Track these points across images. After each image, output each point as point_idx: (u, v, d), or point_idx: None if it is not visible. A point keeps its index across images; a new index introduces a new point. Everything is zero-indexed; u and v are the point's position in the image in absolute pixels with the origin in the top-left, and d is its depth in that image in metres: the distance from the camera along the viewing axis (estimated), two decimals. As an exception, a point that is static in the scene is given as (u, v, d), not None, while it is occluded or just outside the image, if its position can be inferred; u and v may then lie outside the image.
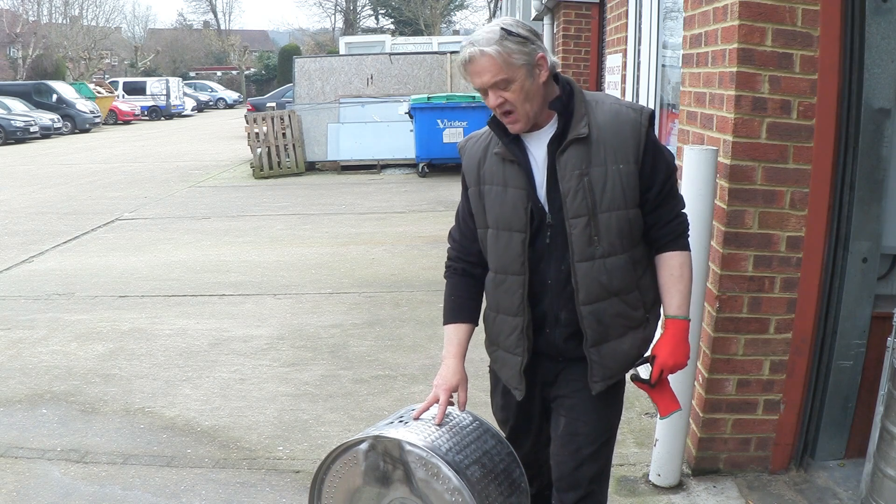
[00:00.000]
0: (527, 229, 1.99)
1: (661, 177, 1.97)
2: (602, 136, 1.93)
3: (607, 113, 1.95)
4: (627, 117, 1.94)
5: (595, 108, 1.96)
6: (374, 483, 2.12)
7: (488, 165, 2.05)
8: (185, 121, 32.24)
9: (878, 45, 2.67)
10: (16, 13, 40.18)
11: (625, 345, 2.03)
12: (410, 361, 4.37)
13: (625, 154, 1.93)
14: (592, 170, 1.93)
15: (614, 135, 1.93)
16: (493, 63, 1.87)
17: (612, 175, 1.92)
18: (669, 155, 2.02)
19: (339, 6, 56.04)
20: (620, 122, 1.94)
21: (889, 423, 2.39)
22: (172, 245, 7.63)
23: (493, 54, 1.87)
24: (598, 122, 1.94)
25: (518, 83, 1.89)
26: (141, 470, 3.24)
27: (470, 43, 1.91)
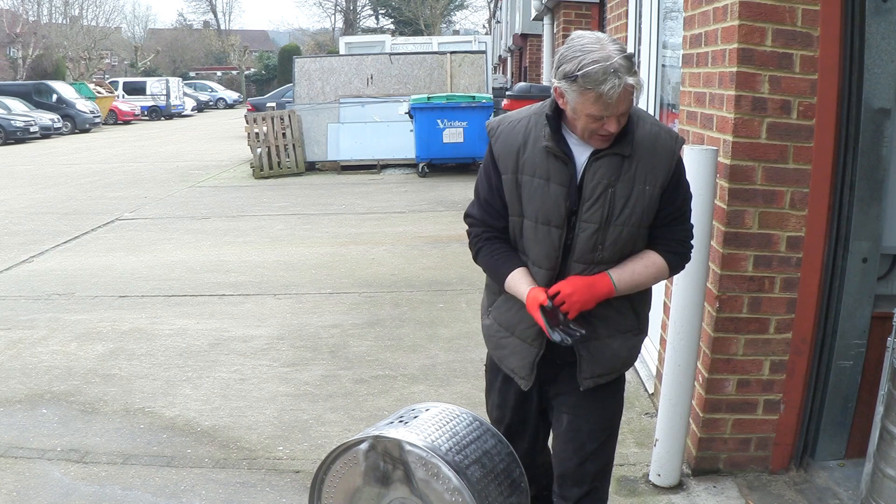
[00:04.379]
0: (565, 225, 2.02)
1: (678, 203, 2.04)
2: (638, 154, 1.98)
3: (647, 134, 2.00)
4: (665, 144, 2.01)
5: (636, 125, 2.00)
6: (374, 483, 2.12)
7: (530, 156, 2.04)
8: (185, 121, 32.24)
9: (878, 45, 2.67)
10: (16, 13, 40.18)
11: (615, 345, 2.10)
12: (410, 361, 4.37)
13: (654, 178, 1.99)
14: (619, 185, 1.98)
15: (650, 157, 1.99)
16: (630, 95, 1.89)
17: (636, 193, 1.98)
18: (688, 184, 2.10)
19: (339, 6, 56.06)
20: (658, 147, 2.00)
21: (889, 423, 2.39)
22: (172, 245, 7.63)
23: (634, 85, 1.87)
24: (638, 140, 1.99)
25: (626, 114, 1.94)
26: (141, 470, 3.24)
27: (614, 72, 1.83)
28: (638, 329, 2.14)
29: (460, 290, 5.74)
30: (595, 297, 2.01)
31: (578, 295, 1.98)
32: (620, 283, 2.02)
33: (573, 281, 2.00)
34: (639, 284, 2.06)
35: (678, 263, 2.10)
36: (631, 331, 2.11)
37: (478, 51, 14.28)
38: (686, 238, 2.10)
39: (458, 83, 12.90)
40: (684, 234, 2.09)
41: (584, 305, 2.00)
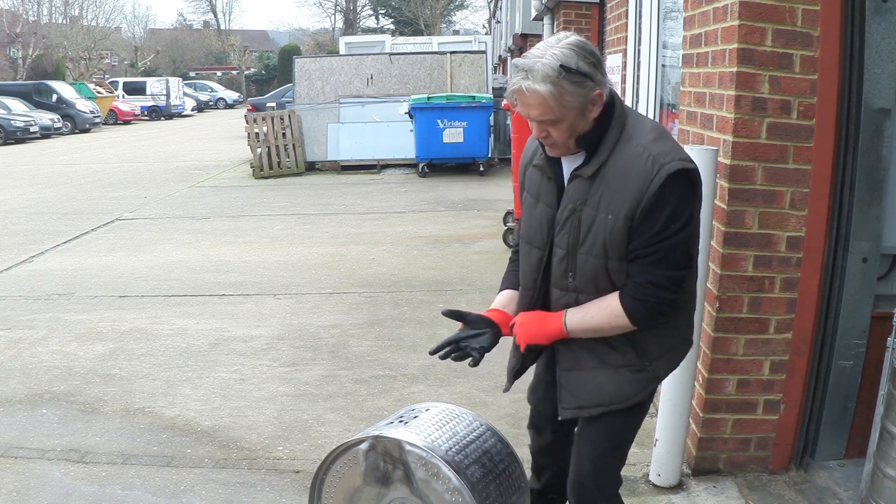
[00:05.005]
0: (546, 247, 1.98)
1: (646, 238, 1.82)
2: (607, 179, 1.84)
3: (626, 156, 1.83)
4: (640, 169, 1.80)
5: (621, 145, 1.85)
6: (374, 483, 2.12)
7: (531, 173, 2.06)
8: (184, 121, 32.24)
9: (878, 45, 2.67)
10: (16, 13, 40.19)
11: (600, 378, 1.98)
12: (410, 361, 4.37)
13: (618, 206, 1.82)
14: (585, 210, 1.88)
15: (618, 183, 1.82)
16: (544, 102, 1.77)
17: (598, 222, 1.86)
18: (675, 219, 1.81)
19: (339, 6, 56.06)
20: (630, 172, 1.81)
21: (889, 423, 2.39)
22: (172, 245, 7.63)
23: (545, 94, 1.76)
24: (614, 163, 1.84)
25: (567, 122, 1.81)
26: (141, 470, 3.24)
27: (524, 71, 1.77)
28: (638, 366, 1.97)
29: (460, 290, 5.74)
30: (545, 335, 1.98)
31: (524, 329, 2.00)
32: (572, 323, 1.94)
33: (527, 315, 2.02)
34: (593, 329, 1.92)
35: (638, 312, 1.86)
36: (627, 366, 1.97)
37: (478, 51, 14.28)
38: (652, 284, 1.83)
39: (458, 83, 12.90)
40: (650, 279, 1.83)
41: (531, 340, 1.99)
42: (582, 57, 1.77)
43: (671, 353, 2.02)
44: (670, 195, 1.79)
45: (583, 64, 1.77)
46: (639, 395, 2.01)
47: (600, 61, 1.83)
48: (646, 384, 2.00)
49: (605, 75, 1.85)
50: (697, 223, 1.89)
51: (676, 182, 1.80)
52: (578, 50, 1.78)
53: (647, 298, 1.85)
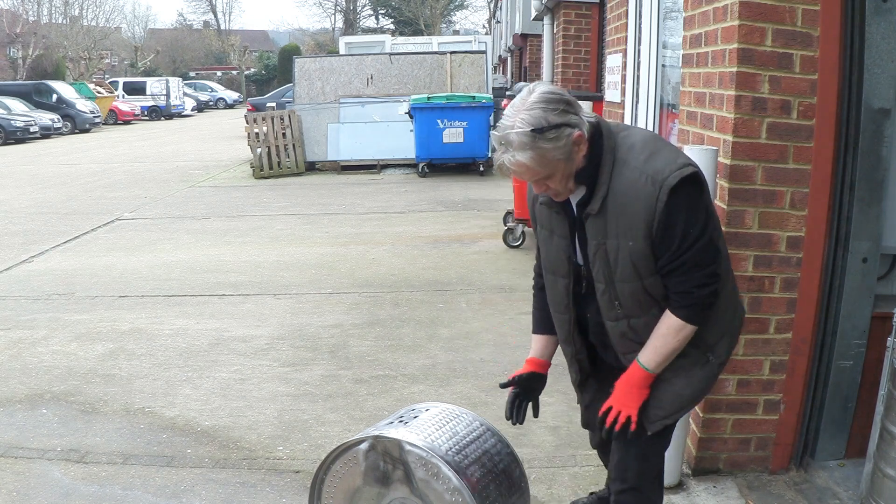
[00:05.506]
0: (570, 276, 2.08)
1: (671, 252, 1.89)
2: (616, 208, 1.90)
3: (626, 183, 1.88)
4: (642, 192, 1.86)
5: (618, 173, 1.90)
6: (374, 483, 2.12)
7: (539, 209, 2.12)
8: (185, 121, 32.24)
9: (878, 45, 2.67)
10: (16, 13, 40.20)
11: (676, 386, 2.03)
12: (410, 361, 4.37)
13: (634, 232, 1.89)
14: (608, 241, 1.94)
15: (626, 209, 1.89)
16: (530, 168, 1.85)
17: (622, 249, 1.92)
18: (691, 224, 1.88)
19: (339, 6, 56.06)
20: (634, 197, 1.87)
21: (889, 423, 2.39)
22: (172, 245, 7.63)
23: (527, 162, 1.83)
24: (616, 192, 1.90)
25: (559, 173, 1.89)
26: (141, 470, 3.24)
27: (502, 144, 1.84)
28: (703, 360, 2.03)
29: (460, 290, 5.74)
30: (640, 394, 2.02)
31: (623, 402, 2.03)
32: (651, 364, 1.99)
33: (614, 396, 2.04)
34: (670, 355, 1.98)
35: (693, 317, 1.94)
36: (695, 365, 2.03)
37: (478, 51, 14.28)
38: (687, 290, 1.92)
39: (458, 83, 12.90)
40: (685, 286, 1.91)
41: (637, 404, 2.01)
42: (550, 110, 1.83)
43: (728, 334, 2.08)
44: (679, 206, 1.86)
45: (553, 117, 1.82)
46: (710, 387, 2.11)
47: (571, 102, 1.88)
48: (715, 374, 2.08)
49: (580, 110, 1.89)
50: (713, 215, 1.95)
51: (680, 192, 1.85)
52: (544, 105, 1.83)
53: (694, 302, 1.93)
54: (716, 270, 1.93)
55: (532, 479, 2.71)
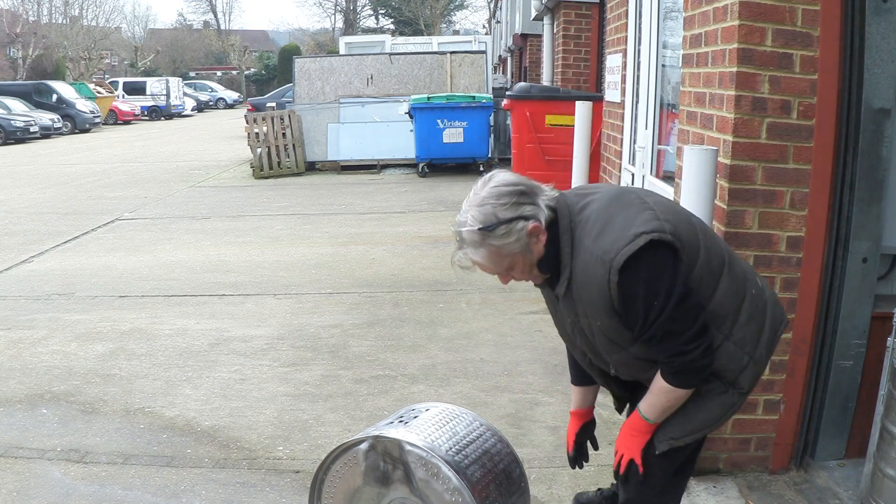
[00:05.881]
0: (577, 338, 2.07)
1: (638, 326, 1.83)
2: (578, 291, 1.89)
3: (581, 266, 1.85)
4: (596, 274, 1.81)
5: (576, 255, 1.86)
6: (374, 483, 2.12)
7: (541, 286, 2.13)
8: (185, 121, 32.24)
9: (878, 45, 2.67)
10: (16, 13, 40.20)
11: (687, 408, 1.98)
12: (410, 361, 4.37)
13: (596, 312, 1.87)
14: (581, 320, 1.95)
15: (586, 292, 1.86)
16: (486, 263, 1.86)
17: (595, 328, 1.92)
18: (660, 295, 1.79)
19: (339, 6, 56.06)
20: (590, 280, 1.84)
21: (889, 423, 2.39)
22: (172, 245, 7.63)
23: (481, 259, 1.85)
24: (576, 275, 1.87)
25: (519, 264, 1.88)
26: (141, 470, 3.24)
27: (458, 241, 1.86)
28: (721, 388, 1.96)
29: (460, 290, 5.74)
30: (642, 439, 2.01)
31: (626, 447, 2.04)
32: (651, 416, 1.98)
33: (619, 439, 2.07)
34: (667, 410, 1.95)
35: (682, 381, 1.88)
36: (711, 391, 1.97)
37: (478, 51, 14.28)
38: (674, 356, 1.83)
39: (458, 83, 12.90)
40: (669, 353, 1.84)
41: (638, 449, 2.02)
42: (500, 206, 1.80)
43: (749, 369, 1.98)
44: (635, 280, 1.79)
45: (503, 212, 1.80)
46: (728, 415, 2.02)
47: (526, 191, 1.84)
48: (733, 403, 2.00)
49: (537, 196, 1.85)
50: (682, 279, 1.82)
51: (632, 270, 1.78)
52: (495, 200, 1.81)
53: (680, 369, 1.86)
54: (697, 334, 1.83)
55: (532, 479, 2.71)
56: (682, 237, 1.85)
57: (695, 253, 1.88)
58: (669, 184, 3.74)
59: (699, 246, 1.89)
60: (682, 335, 1.82)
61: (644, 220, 1.81)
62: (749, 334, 1.96)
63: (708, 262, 1.90)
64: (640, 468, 2.01)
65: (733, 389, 1.97)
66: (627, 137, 4.85)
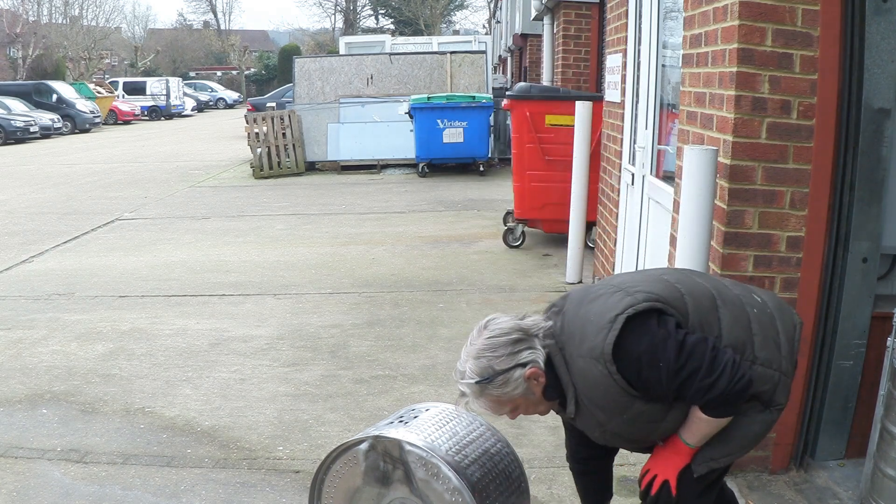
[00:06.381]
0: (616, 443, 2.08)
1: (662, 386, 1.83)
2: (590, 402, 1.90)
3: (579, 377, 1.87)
4: (595, 377, 1.83)
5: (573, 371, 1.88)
6: (374, 483, 2.12)
7: None
8: (185, 121, 32.24)
9: (878, 45, 2.67)
10: (16, 13, 40.19)
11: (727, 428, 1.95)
12: (410, 361, 4.37)
13: (615, 407, 1.87)
14: (607, 425, 1.93)
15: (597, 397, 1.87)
16: (490, 410, 1.92)
17: (626, 422, 1.90)
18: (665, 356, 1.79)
19: (339, 6, 56.06)
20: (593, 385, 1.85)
21: (889, 423, 2.39)
22: (172, 245, 7.63)
23: (483, 409, 1.91)
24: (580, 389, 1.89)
25: (521, 407, 1.92)
26: (141, 470, 3.24)
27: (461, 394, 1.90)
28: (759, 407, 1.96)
29: (460, 290, 5.74)
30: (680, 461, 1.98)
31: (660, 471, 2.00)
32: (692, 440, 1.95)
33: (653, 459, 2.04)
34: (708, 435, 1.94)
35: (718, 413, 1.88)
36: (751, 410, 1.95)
37: (478, 51, 14.28)
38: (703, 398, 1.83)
39: (458, 83, 12.90)
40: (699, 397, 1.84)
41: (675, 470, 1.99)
42: (496, 357, 1.83)
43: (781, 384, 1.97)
44: (633, 360, 1.80)
45: (499, 363, 1.83)
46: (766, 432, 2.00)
47: (518, 339, 1.86)
48: (772, 420, 2.00)
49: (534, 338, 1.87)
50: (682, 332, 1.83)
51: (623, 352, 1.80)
52: (490, 352, 1.84)
53: (717, 404, 1.85)
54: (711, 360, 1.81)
55: (532, 479, 2.71)
56: (661, 297, 1.87)
57: (681, 304, 1.89)
58: (669, 184, 3.74)
59: (682, 295, 1.91)
60: (699, 371, 1.80)
61: (615, 303, 1.84)
62: (770, 351, 1.96)
63: (698, 307, 1.91)
64: (674, 491, 1.98)
65: (772, 407, 1.97)
66: (627, 137, 4.85)
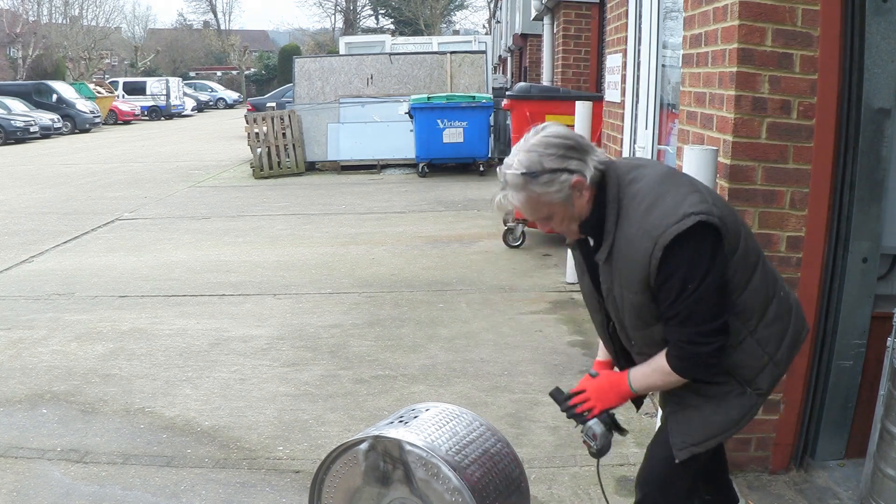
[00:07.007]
0: (601, 312, 2.07)
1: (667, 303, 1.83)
2: (619, 261, 1.88)
3: (626, 238, 1.85)
4: (640, 248, 1.81)
5: (621, 226, 1.86)
6: (374, 483, 2.12)
7: (570, 248, 2.13)
8: (185, 121, 32.24)
9: (878, 45, 2.67)
10: (16, 13, 40.19)
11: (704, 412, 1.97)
12: (410, 361, 4.37)
13: (632, 284, 1.87)
14: (615, 288, 1.93)
15: (627, 264, 1.86)
16: (525, 208, 1.87)
17: (627, 299, 1.91)
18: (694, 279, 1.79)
19: (339, 6, 56.07)
20: (633, 253, 1.83)
21: (889, 423, 2.39)
22: (172, 245, 7.63)
23: (520, 203, 1.85)
24: (619, 245, 1.87)
25: (558, 216, 1.89)
26: (141, 470, 3.24)
27: (502, 182, 1.86)
28: (740, 389, 1.95)
29: (460, 290, 5.74)
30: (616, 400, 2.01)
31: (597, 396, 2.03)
32: (636, 384, 1.98)
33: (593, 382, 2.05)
34: (654, 387, 1.96)
35: (683, 369, 1.88)
36: (728, 392, 1.95)
37: (478, 51, 14.28)
38: (685, 342, 1.84)
39: (458, 83, 12.90)
40: (682, 337, 1.84)
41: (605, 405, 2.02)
42: (547, 155, 1.82)
43: (768, 369, 1.97)
44: (678, 261, 1.79)
45: (549, 161, 1.81)
46: (747, 417, 1.98)
47: (573, 147, 1.84)
48: (752, 404, 1.98)
49: (587, 154, 1.85)
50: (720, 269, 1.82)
51: (678, 249, 1.78)
52: (542, 149, 1.82)
53: (685, 356, 1.85)
54: (716, 330, 1.83)
55: (532, 479, 2.71)
56: (727, 224, 1.86)
57: (736, 241, 1.89)
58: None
59: (741, 236, 1.91)
60: (702, 325, 1.81)
61: (694, 202, 1.81)
62: (773, 334, 1.96)
63: (746, 254, 1.91)
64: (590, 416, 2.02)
65: (751, 390, 1.96)
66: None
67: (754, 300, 1.92)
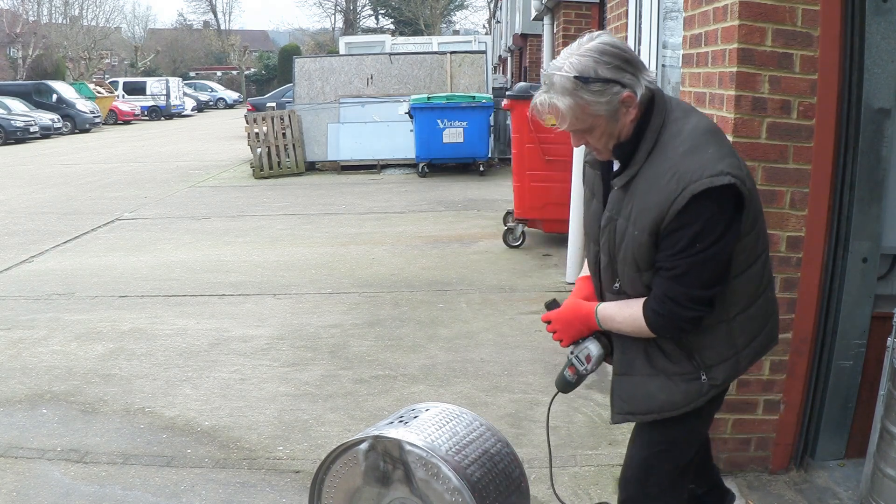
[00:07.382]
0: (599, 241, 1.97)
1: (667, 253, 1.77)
2: (638, 192, 1.80)
3: (655, 171, 1.76)
4: (665, 187, 1.73)
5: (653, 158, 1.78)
6: (374, 483, 2.12)
7: (586, 169, 2.05)
8: (185, 121, 32.24)
9: (878, 45, 2.67)
10: (16, 13, 40.19)
11: (651, 386, 1.93)
12: (410, 361, 4.37)
13: (643, 221, 1.78)
14: (619, 220, 1.85)
15: (645, 198, 1.78)
16: (567, 116, 1.76)
17: (628, 235, 1.82)
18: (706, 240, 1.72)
19: (339, 6, 56.08)
20: (656, 189, 1.75)
21: (889, 423, 2.39)
22: (172, 245, 7.63)
23: (564, 109, 1.75)
24: (644, 176, 1.78)
25: (599, 129, 1.79)
26: (141, 470, 3.24)
27: (546, 84, 1.76)
28: (692, 374, 1.90)
29: (460, 290, 5.74)
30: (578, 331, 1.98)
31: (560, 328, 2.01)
32: (602, 317, 1.94)
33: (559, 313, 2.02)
34: (618, 329, 1.92)
35: (657, 324, 1.82)
36: (680, 375, 1.91)
37: (478, 51, 14.28)
38: (669, 298, 1.77)
39: (458, 83, 12.90)
40: (668, 293, 1.77)
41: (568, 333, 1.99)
42: (602, 62, 1.72)
43: (730, 363, 1.93)
44: (697, 215, 1.71)
45: (603, 70, 1.72)
46: (692, 404, 1.93)
47: (628, 60, 1.76)
48: (700, 393, 1.92)
49: (640, 72, 1.77)
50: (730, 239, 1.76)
51: (703, 202, 1.71)
52: (598, 55, 1.73)
53: (664, 313, 1.80)
54: (705, 298, 1.78)
55: (532, 479, 2.71)
56: (753, 200, 1.82)
57: (753, 223, 1.85)
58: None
59: (758, 221, 1.87)
60: (693, 289, 1.76)
61: (733, 164, 1.75)
62: (747, 329, 1.93)
63: (756, 240, 1.87)
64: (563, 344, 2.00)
65: (706, 377, 1.91)
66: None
67: (745, 289, 1.89)
